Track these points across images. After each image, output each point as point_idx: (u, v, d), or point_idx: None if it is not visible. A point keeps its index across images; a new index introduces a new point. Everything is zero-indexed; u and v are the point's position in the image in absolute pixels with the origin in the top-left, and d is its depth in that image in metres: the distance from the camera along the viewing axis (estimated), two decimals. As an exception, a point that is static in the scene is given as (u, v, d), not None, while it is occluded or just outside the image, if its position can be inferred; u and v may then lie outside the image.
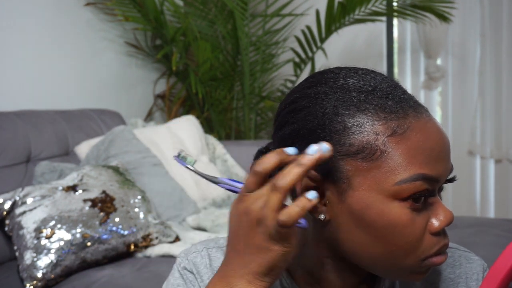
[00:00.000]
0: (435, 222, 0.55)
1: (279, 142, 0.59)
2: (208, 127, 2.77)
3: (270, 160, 0.50)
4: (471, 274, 0.65)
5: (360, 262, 0.57)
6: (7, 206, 1.54)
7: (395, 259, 0.55)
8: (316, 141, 0.55)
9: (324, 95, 0.57)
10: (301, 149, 0.54)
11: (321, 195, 0.56)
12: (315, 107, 0.56)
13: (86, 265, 1.51)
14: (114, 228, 1.56)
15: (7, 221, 1.54)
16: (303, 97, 0.58)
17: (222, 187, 0.55)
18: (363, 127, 0.54)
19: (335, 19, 2.39)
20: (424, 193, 0.54)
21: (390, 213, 0.53)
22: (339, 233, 0.56)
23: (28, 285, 1.42)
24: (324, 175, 0.56)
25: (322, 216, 0.56)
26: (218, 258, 0.66)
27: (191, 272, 0.66)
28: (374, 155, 0.53)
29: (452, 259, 0.65)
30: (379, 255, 0.55)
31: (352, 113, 0.55)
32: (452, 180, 0.58)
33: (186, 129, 2.28)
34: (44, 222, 1.49)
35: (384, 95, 0.55)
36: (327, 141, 0.54)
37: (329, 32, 2.47)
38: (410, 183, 0.53)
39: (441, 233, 0.56)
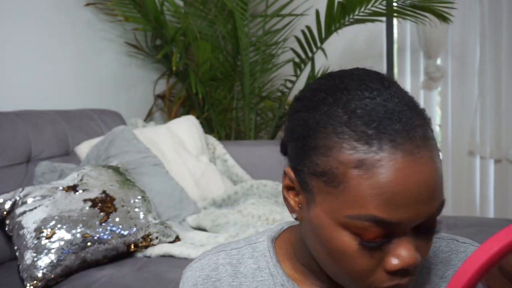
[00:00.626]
0: (392, 261, 0.52)
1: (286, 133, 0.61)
2: (208, 127, 2.77)
3: None
4: None
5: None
6: (7, 206, 1.54)
7: (345, 279, 0.56)
8: (299, 147, 0.56)
9: (316, 103, 0.55)
10: (292, 151, 0.56)
11: (297, 195, 0.58)
12: (305, 114, 0.56)
13: (86, 265, 1.52)
14: (114, 228, 1.56)
15: (7, 221, 1.54)
16: (304, 98, 0.58)
17: None
18: (330, 151, 0.52)
19: (335, 19, 2.39)
20: (377, 234, 0.51)
21: (339, 241, 0.53)
22: (306, 237, 0.58)
23: (28, 285, 1.42)
24: (299, 182, 0.57)
25: (294, 215, 0.59)
26: (210, 265, 0.67)
27: None
28: (334, 183, 0.52)
29: (464, 254, 0.65)
30: (332, 270, 0.56)
31: (327, 133, 0.53)
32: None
33: (186, 129, 2.28)
34: (44, 222, 1.49)
35: (370, 121, 0.51)
36: (304, 152, 0.55)
37: (329, 32, 2.47)
38: (359, 221, 0.51)
39: (397, 273, 0.53)
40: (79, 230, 1.50)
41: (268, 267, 0.65)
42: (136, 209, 1.65)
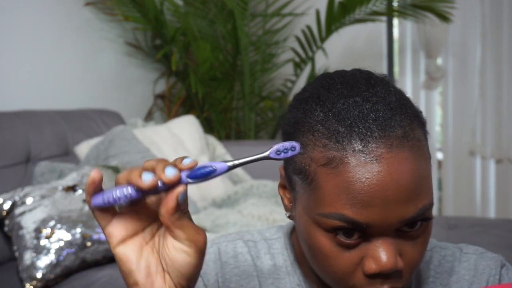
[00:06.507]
0: (368, 265, 0.50)
1: None
2: (208, 127, 2.77)
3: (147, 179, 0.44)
4: (489, 270, 0.64)
5: None
6: (6, 206, 1.53)
7: (328, 281, 0.55)
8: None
9: (300, 102, 0.55)
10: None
11: (289, 193, 0.58)
12: (292, 112, 0.56)
13: (86, 265, 1.51)
14: (114, 228, 1.56)
15: (6, 221, 1.54)
16: (296, 96, 0.58)
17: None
18: (305, 149, 0.52)
19: (335, 18, 2.38)
20: (351, 234, 0.50)
21: (316, 239, 0.52)
22: (298, 236, 0.58)
23: (27, 285, 1.41)
24: (287, 180, 0.57)
25: (287, 214, 0.59)
26: (228, 252, 0.66)
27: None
28: (307, 180, 0.52)
29: (467, 264, 0.65)
30: (317, 270, 0.56)
31: (304, 131, 0.52)
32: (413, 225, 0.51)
33: (186, 129, 2.27)
34: (44, 222, 1.48)
35: (343, 119, 0.50)
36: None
37: (329, 32, 2.47)
38: (329, 219, 0.50)
39: (377, 277, 0.51)
40: (78, 230, 1.50)
41: (286, 266, 0.64)
42: (136, 209, 1.64)
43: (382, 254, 0.50)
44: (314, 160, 0.51)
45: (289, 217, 0.59)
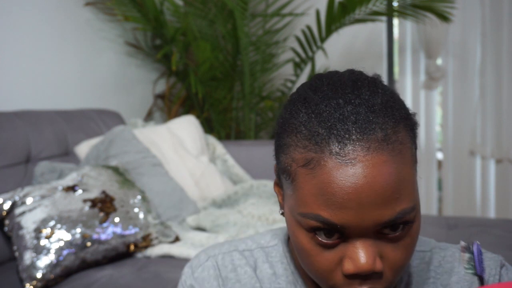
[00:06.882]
0: (346, 265, 0.51)
1: None
2: (208, 127, 2.77)
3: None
4: (488, 270, 0.64)
5: None
6: (6, 206, 1.54)
7: (314, 279, 0.55)
8: (275, 145, 0.57)
9: (291, 102, 0.56)
10: (275, 149, 0.57)
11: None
12: (281, 112, 0.57)
13: (86, 265, 1.51)
14: (114, 228, 1.56)
15: (6, 221, 1.54)
16: (289, 97, 0.58)
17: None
18: (288, 149, 0.53)
19: (335, 19, 2.38)
20: (329, 234, 0.51)
21: (298, 237, 0.53)
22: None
23: (27, 285, 1.41)
24: (278, 178, 0.58)
25: (280, 211, 0.60)
26: (226, 266, 0.65)
27: None
28: (289, 180, 0.53)
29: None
30: (304, 268, 0.56)
31: (288, 132, 0.53)
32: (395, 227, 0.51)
33: (186, 129, 2.27)
34: (44, 222, 1.48)
35: (324, 121, 0.51)
36: (276, 149, 0.56)
37: (329, 32, 2.47)
38: (307, 219, 0.51)
39: (356, 277, 0.51)
40: (78, 230, 1.50)
41: (286, 275, 0.64)
42: (136, 209, 1.64)
43: (360, 255, 0.50)
44: (295, 160, 0.52)
45: (282, 214, 0.60)
